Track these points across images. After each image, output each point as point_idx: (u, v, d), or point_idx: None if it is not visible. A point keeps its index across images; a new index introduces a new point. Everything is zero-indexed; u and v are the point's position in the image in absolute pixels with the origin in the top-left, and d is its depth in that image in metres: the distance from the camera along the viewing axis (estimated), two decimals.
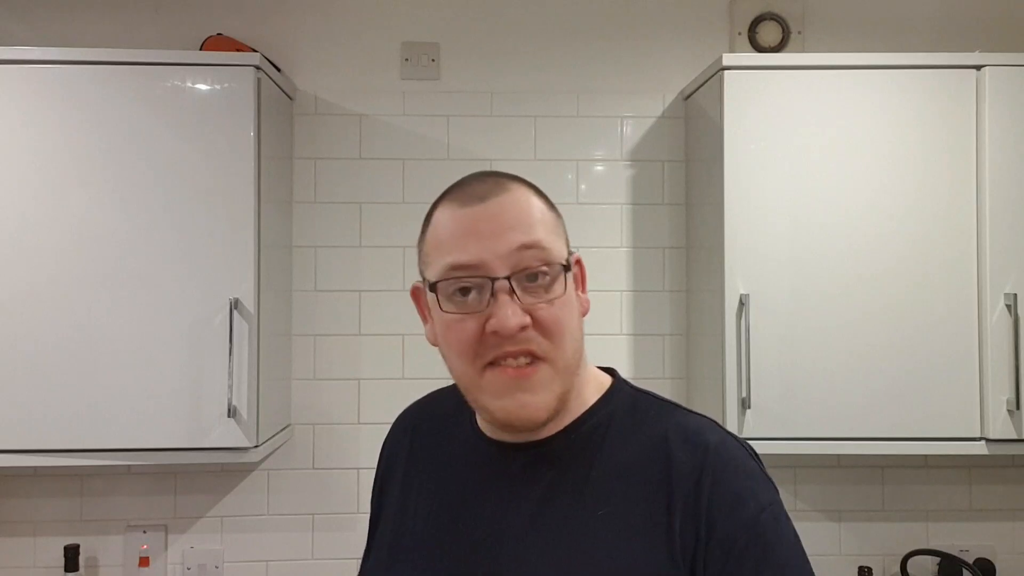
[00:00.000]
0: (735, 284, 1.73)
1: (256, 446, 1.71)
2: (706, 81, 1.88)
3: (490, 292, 0.80)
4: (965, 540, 2.04)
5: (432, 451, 0.97)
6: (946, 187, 1.74)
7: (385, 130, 2.07)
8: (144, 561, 1.98)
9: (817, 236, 1.73)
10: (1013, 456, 2.03)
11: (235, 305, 1.70)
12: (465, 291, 0.82)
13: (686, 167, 2.08)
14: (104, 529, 2.00)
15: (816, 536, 2.04)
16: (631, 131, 2.10)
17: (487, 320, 0.80)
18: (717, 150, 1.77)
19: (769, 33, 2.09)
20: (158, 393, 1.69)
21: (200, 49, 1.99)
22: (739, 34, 2.10)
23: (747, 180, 1.74)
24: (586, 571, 0.81)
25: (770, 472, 0.86)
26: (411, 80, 2.08)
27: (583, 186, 2.08)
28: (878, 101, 1.75)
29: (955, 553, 1.95)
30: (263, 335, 1.76)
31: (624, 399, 0.91)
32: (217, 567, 2.00)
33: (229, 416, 1.68)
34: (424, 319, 0.90)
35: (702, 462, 0.82)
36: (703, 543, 0.79)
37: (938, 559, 1.98)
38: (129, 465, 1.96)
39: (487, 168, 2.04)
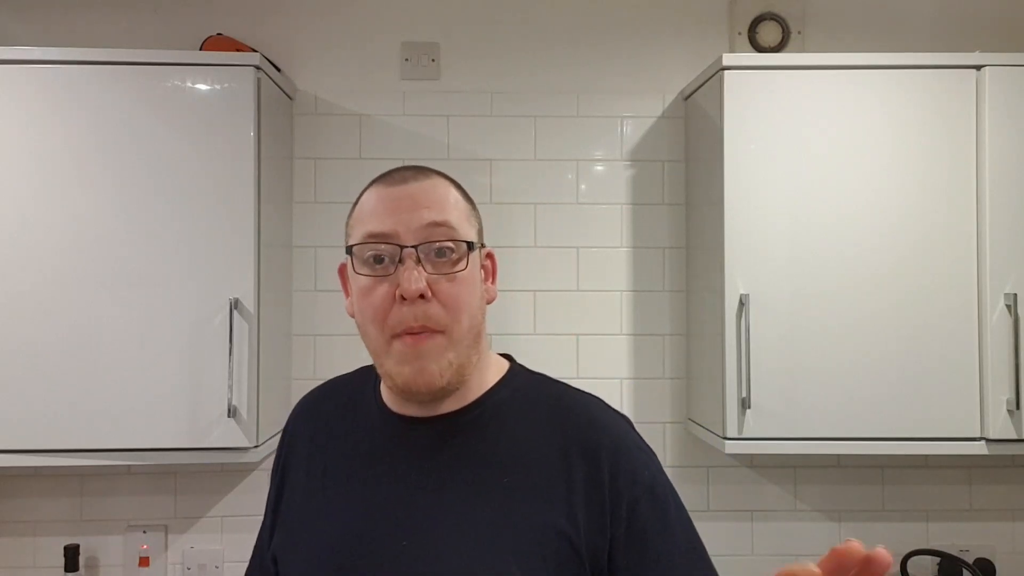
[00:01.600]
0: (735, 284, 1.73)
1: (256, 446, 1.71)
2: (706, 81, 1.88)
3: (398, 259, 0.89)
4: (965, 540, 2.04)
5: (337, 432, 1.02)
6: (946, 187, 1.74)
7: (385, 130, 2.07)
8: (144, 561, 1.98)
9: (817, 236, 1.74)
10: (1013, 456, 2.03)
11: (235, 305, 1.70)
12: (379, 259, 0.91)
13: (686, 167, 2.08)
14: (104, 529, 2.00)
15: (816, 536, 2.03)
16: (631, 131, 2.10)
17: (397, 287, 0.89)
18: (717, 150, 1.77)
19: (769, 33, 2.10)
20: (158, 393, 1.69)
21: (200, 49, 1.99)
22: (739, 34, 2.10)
23: (747, 180, 1.74)
24: (490, 533, 0.89)
25: (770, 472, 0.87)
26: (411, 80, 2.09)
27: (583, 186, 2.08)
28: (878, 101, 1.75)
29: (955, 553, 1.95)
30: (263, 335, 1.76)
31: (522, 380, 1.01)
32: (217, 567, 2.00)
33: (229, 416, 1.68)
34: (346, 293, 0.99)
35: (597, 439, 0.93)
36: (610, 510, 0.90)
37: (938, 559, 1.98)
38: (129, 465, 1.96)
39: (487, 168, 2.05)
